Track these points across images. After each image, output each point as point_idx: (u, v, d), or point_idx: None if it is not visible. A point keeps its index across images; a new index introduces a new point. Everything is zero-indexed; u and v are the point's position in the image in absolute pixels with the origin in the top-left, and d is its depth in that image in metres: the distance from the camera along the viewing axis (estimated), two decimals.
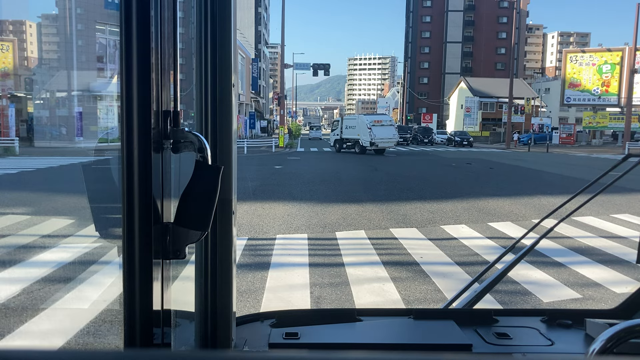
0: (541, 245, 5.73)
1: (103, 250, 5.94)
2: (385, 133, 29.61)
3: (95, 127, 20.12)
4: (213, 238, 1.15)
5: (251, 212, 9.76)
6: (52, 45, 33.53)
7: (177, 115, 0.97)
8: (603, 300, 5.19)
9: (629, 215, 10.13)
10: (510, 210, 10.63)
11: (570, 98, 51.51)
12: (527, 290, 5.36)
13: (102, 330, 4.07)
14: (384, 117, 32.69)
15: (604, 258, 6.81)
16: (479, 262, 6.52)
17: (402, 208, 10.60)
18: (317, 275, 5.81)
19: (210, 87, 1.12)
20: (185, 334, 1.20)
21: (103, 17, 10.05)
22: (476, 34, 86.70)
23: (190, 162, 0.98)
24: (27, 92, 30.22)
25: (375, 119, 30.94)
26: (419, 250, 7.09)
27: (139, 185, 0.89)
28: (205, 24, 1.10)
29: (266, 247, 7.20)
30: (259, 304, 4.85)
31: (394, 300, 5.06)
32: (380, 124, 30.18)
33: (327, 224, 8.83)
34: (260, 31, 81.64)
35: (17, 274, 5.39)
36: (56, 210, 9.00)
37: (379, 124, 30.08)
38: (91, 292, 4.92)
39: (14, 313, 4.34)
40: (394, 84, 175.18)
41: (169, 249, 0.96)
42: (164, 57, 0.94)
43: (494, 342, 1.39)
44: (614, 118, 47.29)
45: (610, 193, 12.16)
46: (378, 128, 29.70)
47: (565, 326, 1.50)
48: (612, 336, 0.96)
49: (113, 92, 13.57)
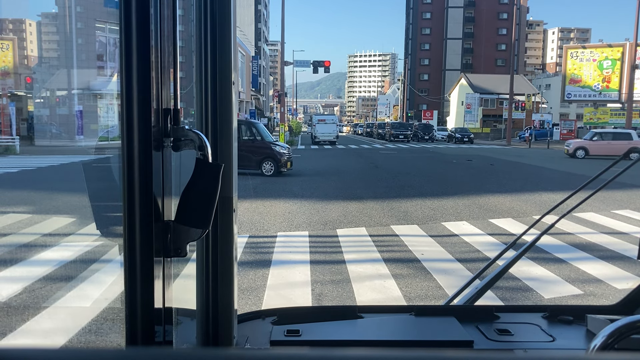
0: (542, 242, 5.73)
1: (104, 248, 5.94)
2: (326, 129, 39.18)
3: (96, 125, 20.11)
4: (214, 236, 1.15)
5: (252, 210, 9.77)
6: (52, 43, 33.54)
7: (177, 113, 0.97)
8: (604, 296, 5.19)
9: (630, 211, 10.12)
10: (511, 206, 10.63)
11: (571, 94, 51.43)
12: (528, 287, 5.37)
13: (104, 329, 4.08)
14: (328, 117, 42.85)
15: (605, 254, 6.81)
16: (480, 259, 6.52)
17: (402, 205, 10.60)
18: (318, 272, 5.81)
19: (211, 85, 1.12)
20: (186, 331, 1.20)
21: (103, 15, 10.04)
22: (476, 30, 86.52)
23: (190, 160, 0.98)
24: (27, 91, 30.22)
25: (320, 118, 41.71)
26: (420, 247, 7.09)
27: (139, 183, 0.89)
28: (205, 21, 1.10)
29: (267, 244, 7.21)
30: (260, 302, 4.85)
31: (395, 297, 5.07)
32: (324, 122, 39.96)
33: (327, 221, 8.83)
34: (260, 29, 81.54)
35: (18, 272, 5.39)
36: (57, 209, 9.01)
37: (322, 122, 39.97)
38: (92, 290, 4.93)
39: (15, 312, 4.35)
40: (394, 81, 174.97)
41: (170, 247, 0.96)
42: (164, 55, 0.94)
43: (495, 338, 1.39)
44: (614, 114, 47.19)
45: (612, 189, 12.16)
46: (321, 125, 39.65)
47: (567, 322, 1.50)
48: (614, 332, 0.96)
49: (113, 91, 13.54)
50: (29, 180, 13.50)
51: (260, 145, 15.59)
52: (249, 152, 15.47)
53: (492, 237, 7.85)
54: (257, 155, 15.49)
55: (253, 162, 15.46)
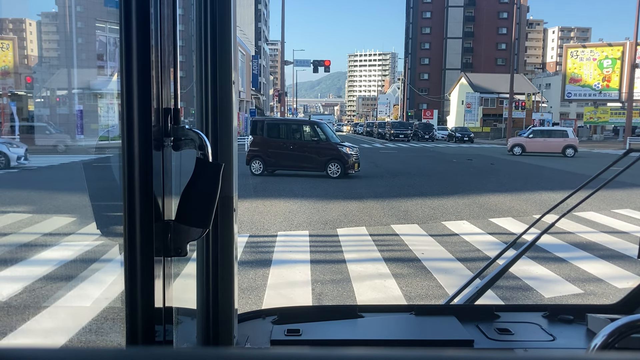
0: (542, 241, 5.73)
1: (104, 248, 5.94)
2: None
3: (96, 125, 20.08)
4: (214, 235, 1.15)
5: (252, 209, 9.77)
6: (52, 43, 33.53)
7: (178, 112, 0.97)
8: (604, 295, 5.19)
9: (630, 210, 10.12)
10: (511, 205, 10.63)
11: (571, 93, 51.43)
12: (529, 286, 5.37)
13: (104, 328, 4.08)
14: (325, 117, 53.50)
15: (605, 253, 6.81)
16: (480, 258, 6.52)
17: (403, 204, 10.60)
18: (319, 271, 5.81)
19: (211, 84, 1.12)
20: (187, 331, 1.20)
21: (103, 14, 10.00)
22: (476, 29, 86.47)
23: (191, 159, 0.98)
24: (27, 90, 30.21)
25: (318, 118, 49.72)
26: (420, 246, 7.09)
27: (140, 182, 0.89)
28: (205, 21, 1.10)
29: (267, 244, 7.21)
30: (261, 301, 4.85)
31: (396, 296, 5.07)
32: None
33: (328, 220, 8.83)
34: (260, 28, 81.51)
35: (19, 272, 5.40)
36: (57, 209, 9.01)
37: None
38: (93, 290, 4.93)
39: (16, 311, 4.35)
40: (394, 80, 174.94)
41: (171, 246, 0.96)
42: (164, 54, 0.94)
43: (496, 337, 1.39)
44: (615, 113, 47.22)
45: (612, 188, 12.16)
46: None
47: (567, 321, 1.50)
48: (614, 331, 0.96)
49: (113, 90, 13.55)
50: (29, 179, 13.51)
51: (325, 146, 15.24)
52: (314, 153, 15.25)
53: (492, 236, 7.85)
54: (323, 156, 15.16)
55: (318, 164, 15.20)
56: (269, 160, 15.58)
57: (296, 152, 15.46)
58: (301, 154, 15.42)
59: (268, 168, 15.65)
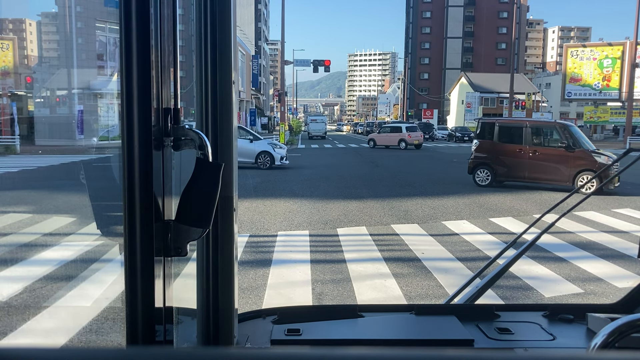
0: (542, 240, 5.73)
1: (104, 248, 5.94)
2: (317, 127, 51.38)
3: (96, 125, 20.08)
4: (214, 235, 1.15)
5: (252, 209, 9.77)
6: (52, 43, 33.51)
7: (178, 112, 0.97)
8: (605, 294, 5.19)
9: (630, 210, 10.12)
10: (512, 205, 10.63)
11: (571, 93, 51.40)
12: (529, 285, 5.37)
13: (105, 328, 4.08)
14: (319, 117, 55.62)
15: (606, 253, 6.81)
16: (480, 258, 6.52)
17: (403, 204, 10.60)
18: (319, 271, 5.82)
19: (211, 84, 1.12)
20: (187, 331, 1.20)
21: (103, 14, 9.99)
22: (476, 29, 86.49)
23: (191, 159, 0.98)
24: (27, 91, 30.20)
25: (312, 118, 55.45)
26: (420, 246, 7.09)
27: (140, 182, 0.89)
28: (205, 21, 1.10)
29: (267, 244, 7.21)
30: (261, 301, 4.85)
31: (396, 296, 5.07)
32: (316, 122, 52.76)
33: (328, 220, 8.83)
34: (260, 28, 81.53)
35: (19, 272, 5.39)
36: (57, 209, 9.01)
37: (314, 122, 52.86)
38: (93, 290, 4.93)
39: (16, 311, 4.35)
40: (394, 80, 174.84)
41: (171, 246, 0.96)
42: (164, 54, 0.94)
43: (496, 337, 1.39)
44: (615, 112, 47.19)
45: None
46: (313, 124, 52.35)
47: (567, 321, 1.50)
48: (614, 331, 0.96)
49: (113, 90, 13.56)
50: (29, 179, 13.51)
51: (579, 155, 12.69)
52: (559, 163, 12.90)
53: (492, 236, 7.85)
54: (572, 167, 12.67)
55: (564, 176, 12.79)
56: (500, 169, 13.68)
57: (536, 161, 13.20)
58: (543, 162, 13.17)
59: (498, 178, 13.72)
